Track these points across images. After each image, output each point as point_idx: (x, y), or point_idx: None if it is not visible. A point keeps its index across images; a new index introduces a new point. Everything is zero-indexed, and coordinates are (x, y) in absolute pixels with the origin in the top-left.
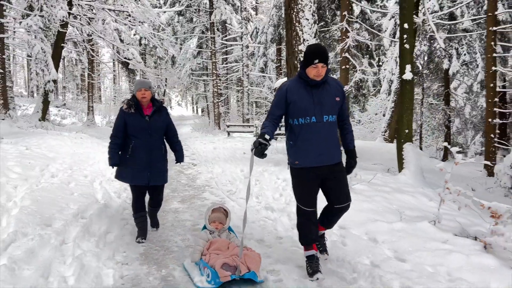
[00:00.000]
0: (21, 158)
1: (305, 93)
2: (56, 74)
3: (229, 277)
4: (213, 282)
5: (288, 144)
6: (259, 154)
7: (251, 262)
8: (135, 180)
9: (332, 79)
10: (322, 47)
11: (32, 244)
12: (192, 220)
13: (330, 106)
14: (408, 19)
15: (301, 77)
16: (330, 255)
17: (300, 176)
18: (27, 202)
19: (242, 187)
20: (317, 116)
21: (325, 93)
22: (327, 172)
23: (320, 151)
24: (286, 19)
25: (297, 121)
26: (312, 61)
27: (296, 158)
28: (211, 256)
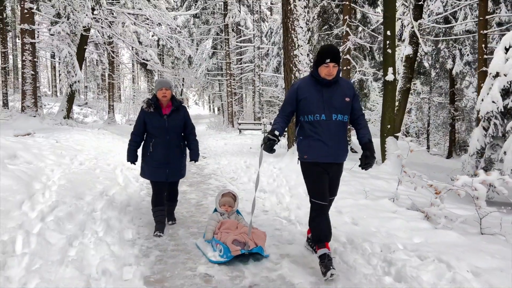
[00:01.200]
0: (53, 149)
1: (315, 91)
2: (81, 75)
3: (239, 251)
4: (225, 256)
5: (298, 139)
6: (268, 149)
7: (258, 239)
8: (154, 177)
9: (343, 80)
10: (335, 47)
11: (70, 209)
12: (196, 198)
13: (339, 106)
14: (391, 27)
15: (313, 75)
16: (299, 219)
17: (310, 169)
18: (62, 181)
19: (243, 175)
20: (326, 114)
21: (335, 92)
22: (330, 170)
23: (327, 148)
24: (283, 27)
25: (306, 118)
26: (324, 60)
27: (305, 152)
28: (222, 235)
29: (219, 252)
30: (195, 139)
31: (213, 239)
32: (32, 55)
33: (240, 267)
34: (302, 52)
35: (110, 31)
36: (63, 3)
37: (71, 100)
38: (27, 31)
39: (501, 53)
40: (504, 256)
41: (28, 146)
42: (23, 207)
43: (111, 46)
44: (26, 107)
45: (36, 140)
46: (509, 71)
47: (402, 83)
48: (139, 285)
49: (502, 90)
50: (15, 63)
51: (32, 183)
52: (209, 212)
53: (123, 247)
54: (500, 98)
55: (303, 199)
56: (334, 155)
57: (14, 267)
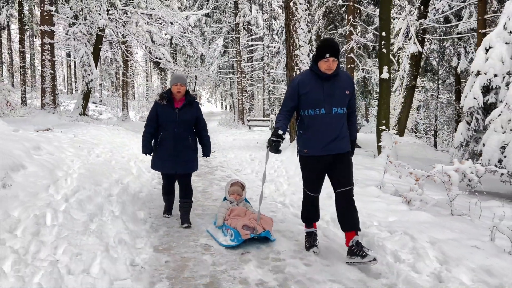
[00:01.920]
0: (72, 143)
1: (316, 85)
2: (97, 74)
3: (248, 235)
4: (236, 240)
5: (298, 133)
6: (274, 150)
7: (266, 224)
8: (163, 169)
9: (343, 73)
10: (333, 41)
11: (90, 193)
12: (203, 187)
13: (340, 99)
14: (386, 28)
15: (312, 70)
16: (293, 203)
17: (308, 163)
18: (82, 170)
19: (247, 166)
20: (327, 108)
21: (335, 85)
22: (335, 160)
23: (327, 141)
24: (286, 28)
25: (307, 112)
26: (324, 55)
27: (304, 147)
28: (232, 221)
29: (230, 237)
30: (207, 135)
31: (224, 225)
32: (51, 54)
33: None
34: (303, 52)
35: (124, 30)
36: (80, 6)
37: (87, 97)
38: (47, 32)
39: (481, 53)
40: (462, 230)
41: (49, 139)
42: (49, 190)
43: (125, 45)
44: (46, 104)
45: (56, 134)
46: (488, 70)
47: (408, 81)
48: (150, 252)
49: (483, 88)
50: (32, 61)
51: (55, 171)
52: (213, 198)
53: (136, 224)
54: (481, 94)
55: (299, 186)
56: (334, 147)
57: (46, 235)
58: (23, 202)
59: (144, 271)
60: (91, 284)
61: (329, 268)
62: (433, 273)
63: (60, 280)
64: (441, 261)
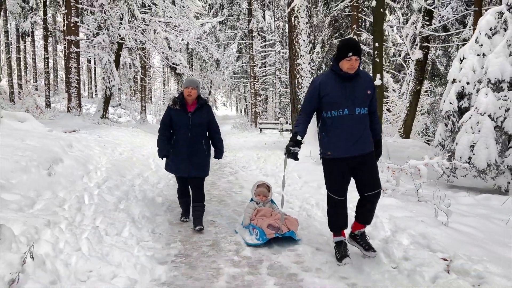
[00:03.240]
0: (97, 142)
1: (337, 86)
2: (119, 80)
3: (273, 235)
4: (261, 239)
5: (321, 135)
6: (293, 157)
7: (291, 225)
8: (177, 171)
9: (363, 72)
10: (355, 40)
11: (117, 182)
12: (212, 180)
13: (362, 99)
14: (379, 39)
15: (333, 70)
16: (287, 193)
17: (331, 166)
18: (108, 165)
19: (252, 164)
20: (350, 109)
21: (357, 85)
22: (358, 161)
23: (351, 142)
24: (289, 40)
25: (330, 114)
26: (346, 54)
27: (328, 149)
28: (258, 220)
29: (256, 236)
30: (219, 137)
31: (250, 225)
32: (76, 62)
33: None
34: (304, 61)
35: (143, 37)
36: (103, 17)
37: (107, 101)
38: (73, 42)
39: (457, 63)
40: (419, 211)
41: (78, 139)
42: (83, 179)
43: (143, 51)
44: (72, 107)
45: (82, 135)
46: (462, 78)
47: (413, 85)
48: (166, 224)
49: (458, 94)
50: (55, 66)
51: (86, 165)
52: (220, 189)
53: (155, 206)
54: (456, 100)
55: (294, 179)
56: (358, 148)
57: (86, 210)
58: (65, 187)
59: (162, 236)
60: (123, 242)
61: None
62: (383, 238)
63: (101, 238)
64: (392, 231)
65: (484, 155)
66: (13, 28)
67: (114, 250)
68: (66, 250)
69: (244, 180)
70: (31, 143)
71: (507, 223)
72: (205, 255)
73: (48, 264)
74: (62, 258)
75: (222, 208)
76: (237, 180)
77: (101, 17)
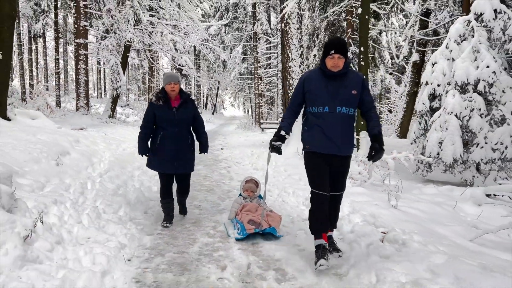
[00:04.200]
0: (103, 139)
1: (321, 83)
2: (125, 80)
3: (252, 230)
4: (242, 233)
5: (303, 129)
6: (276, 152)
7: (272, 221)
8: (163, 168)
9: (353, 72)
10: (340, 38)
11: (117, 173)
12: (206, 173)
13: (345, 99)
14: (364, 44)
15: (320, 68)
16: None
17: (311, 159)
18: (112, 159)
19: (246, 159)
20: (330, 107)
21: (341, 85)
22: (334, 162)
23: (329, 140)
24: (282, 44)
25: (311, 109)
26: (329, 51)
27: (307, 143)
28: (242, 215)
29: (237, 230)
30: (204, 131)
31: (235, 219)
32: (85, 64)
33: None
34: (295, 64)
35: (150, 40)
36: (111, 21)
37: (115, 101)
38: (82, 45)
39: (429, 67)
40: (378, 197)
41: (85, 136)
42: (88, 170)
43: (150, 53)
44: (80, 107)
45: (89, 133)
46: (433, 81)
47: (410, 87)
48: (157, 208)
49: (430, 95)
50: (65, 67)
51: (91, 158)
52: (212, 180)
53: (150, 193)
54: (428, 101)
55: (280, 172)
56: (337, 147)
57: (88, 194)
58: (71, 175)
59: (152, 216)
60: (118, 219)
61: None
62: (340, 218)
63: (99, 214)
64: (349, 212)
65: (451, 151)
66: (25, 30)
67: (110, 223)
68: (70, 222)
69: (235, 173)
70: (42, 138)
71: (454, 208)
72: (187, 230)
73: (55, 230)
74: (66, 227)
75: (209, 195)
76: (229, 173)
77: (108, 21)
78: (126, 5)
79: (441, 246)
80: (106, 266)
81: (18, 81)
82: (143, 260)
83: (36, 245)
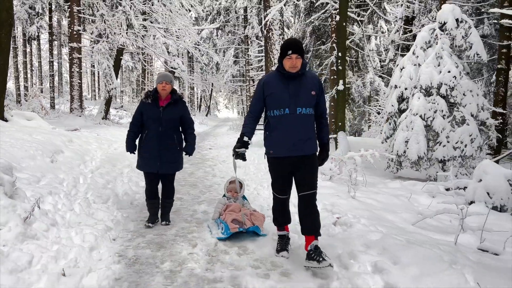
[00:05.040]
0: (95, 139)
1: (281, 85)
2: (118, 83)
3: (236, 229)
4: (225, 233)
5: (265, 134)
6: (241, 158)
7: (256, 220)
8: (146, 167)
9: (310, 73)
10: (295, 39)
11: (108, 170)
12: (192, 170)
13: (305, 99)
14: (341, 50)
15: (278, 70)
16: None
17: (274, 165)
18: (103, 157)
19: (231, 158)
20: (291, 108)
21: (301, 85)
22: (298, 162)
23: (292, 142)
24: (264, 49)
25: (272, 113)
26: (286, 52)
27: (270, 147)
28: (226, 215)
29: (221, 230)
30: (192, 133)
31: (219, 219)
32: (79, 67)
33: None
34: None
35: (143, 43)
36: (103, 26)
37: (109, 103)
38: (76, 48)
39: (397, 72)
40: (341, 190)
41: (78, 136)
42: (80, 167)
43: (143, 55)
44: (74, 108)
45: (83, 133)
46: (401, 85)
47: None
48: (143, 200)
49: (398, 98)
50: (60, 70)
51: (84, 156)
52: (196, 177)
53: (137, 187)
54: (397, 103)
55: (260, 169)
56: (299, 148)
57: (80, 187)
58: (65, 171)
59: (137, 206)
60: (106, 208)
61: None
62: None
63: (89, 204)
64: None
65: (415, 149)
66: (20, 33)
67: (99, 211)
68: (63, 209)
69: (219, 171)
70: (37, 138)
71: (409, 199)
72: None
73: (50, 215)
74: (59, 213)
75: (191, 189)
76: (213, 171)
77: (101, 25)
78: (119, 10)
79: (381, 227)
80: (94, 243)
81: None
82: (126, 240)
83: (34, 225)
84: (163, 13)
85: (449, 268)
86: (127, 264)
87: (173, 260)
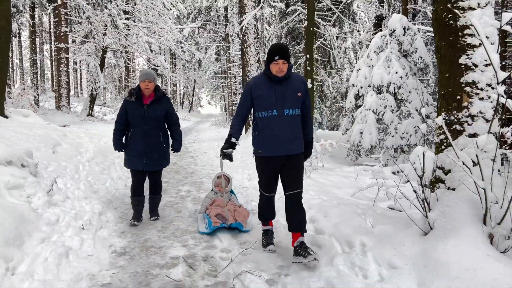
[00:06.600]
0: (86, 134)
1: (268, 88)
2: (104, 81)
3: (218, 224)
4: (209, 228)
5: (253, 134)
6: (228, 159)
7: (239, 216)
8: (131, 165)
9: (295, 75)
10: (283, 44)
11: (101, 160)
12: (175, 160)
13: (292, 101)
14: (310, 52)
15: (265, 73)
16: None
17: (262, 164)
18: (95, 149)
19: (211, 151)
20: (279, 110)
21: (287, 88)
22: (286, 161)
23: (280, 142)
24: (241, 51)
25: (260, 114)
26: (273, 57)
27: (259, 147)
28: (212, 210)
29: (205, 225)
30: (178, 129)
31: (205, 214)
32: (66, 66)
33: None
34: (253, 68)
35: (126, 42)
36: (90, 27)
37: (93, 100)
38: (63, 49)
39: (355, 73)
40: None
41: (70, 131)
42: (77, 157)
43: (127, 53)
44: (62, 106)
45: (72, 129)
46: (357, 84)
47: None
48: None
49: (355, 95)
50: (41, 67)
51: (78, 148)
52: (180, 166)
53: (129, 173)
54: (354, 99)
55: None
56: (287, 148)
57: (81, 173)
58: (65, 160)
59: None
60: (105, 188)
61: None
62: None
63: (91, 185)
64: None
65: (368, 139)
66: None
67: (100, 190)
68: (71, 188)
69: (200, 161)
70: (37, 132)
71: (356, 179)
72: None
73: (63, 191)
74: (69, 191)
75: (175, 175)
76: (195, 161)
77: (87, 27)
78: (104, 13)
79: (324, 197)
80: (101, 210)
81: None
82: (125, 208)
83: (54, 197)
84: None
85: (358, 217)
86: (128, 223)
87: (164, 220)
